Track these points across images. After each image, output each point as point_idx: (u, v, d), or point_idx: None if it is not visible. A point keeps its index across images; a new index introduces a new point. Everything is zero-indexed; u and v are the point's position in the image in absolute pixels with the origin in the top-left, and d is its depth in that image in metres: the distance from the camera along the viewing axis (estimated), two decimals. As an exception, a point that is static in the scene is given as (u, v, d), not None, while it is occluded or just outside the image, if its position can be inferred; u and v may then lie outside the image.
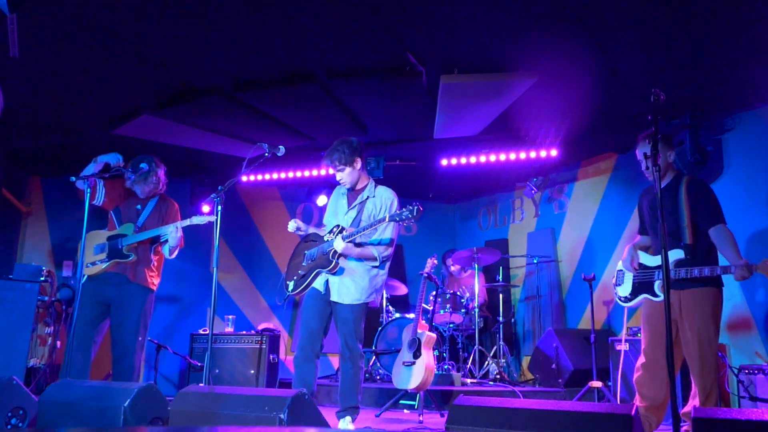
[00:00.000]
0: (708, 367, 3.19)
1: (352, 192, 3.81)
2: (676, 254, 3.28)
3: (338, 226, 3.64)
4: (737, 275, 3.12)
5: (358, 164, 3.71)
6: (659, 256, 3.36)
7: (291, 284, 3.74)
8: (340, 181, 3.77)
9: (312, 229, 3.88)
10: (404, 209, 3.33)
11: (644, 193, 3.67)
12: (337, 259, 3.56)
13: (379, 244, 3.65)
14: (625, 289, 3.56)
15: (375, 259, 3.63)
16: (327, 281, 3.66)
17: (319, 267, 3.61)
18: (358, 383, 3.63)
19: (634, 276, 3.50)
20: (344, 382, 3.64)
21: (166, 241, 4.15)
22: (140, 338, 4.06)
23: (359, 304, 3.62)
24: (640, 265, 3.50)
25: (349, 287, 3.61)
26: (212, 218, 3.67)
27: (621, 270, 3.63)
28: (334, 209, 3.88)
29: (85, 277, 4.06)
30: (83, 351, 3.92)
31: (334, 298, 3.63)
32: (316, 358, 3.62)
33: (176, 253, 4.20)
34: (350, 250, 3.55)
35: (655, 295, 3.36)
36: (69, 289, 5.79)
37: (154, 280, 4.20)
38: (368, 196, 3.73)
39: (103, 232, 4.18)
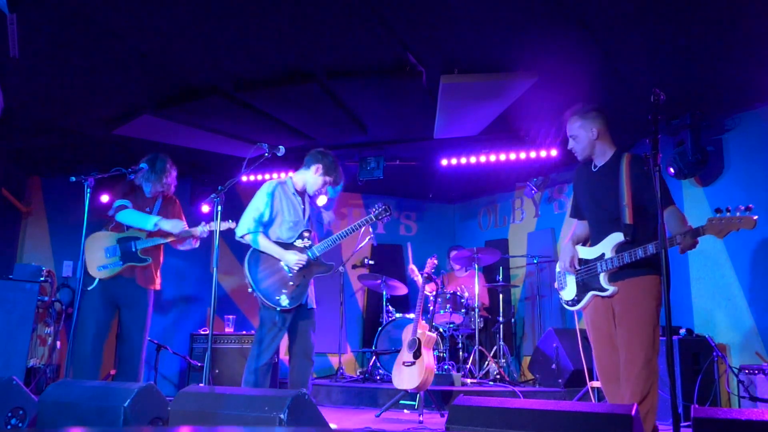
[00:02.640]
0: (641, 370, 2.81)
1: (298, 194, 3.87)
2: (615, 237, 2.97)
3: (307, 230, 3.75)
4: (683, 244, 2.76)
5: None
6: (598, 246, 3.07)
7: (283, 298, 3.58)
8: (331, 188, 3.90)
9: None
10: (376, 207, 3.81)
11: (579, 173, 3.30)
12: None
13: None
14: (569, 292, 3.24)
15: None
16: None
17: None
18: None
19: (577, 275, 3.18)
20: (301, 380, 3.63)
21: (173, 240, 4.17)
22: (146, 339, 4.11)
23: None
24: (580, 261, 3.16)
25: (312, 292, 3.75)
26: (213, 226, 3.81)
27: (560, 272, 3.32)
28: (290, 209, 3.76)
29: (96, 280, 3.95)
30: (97, 355, 3.90)
31: (311, 305, 3.71)
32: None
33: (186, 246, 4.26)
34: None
35: (603, 290, 3.01)
36: (69, 289, 5.79)
37: (158, 281, 4.22)
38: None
39: (110, 233, 4.06)
